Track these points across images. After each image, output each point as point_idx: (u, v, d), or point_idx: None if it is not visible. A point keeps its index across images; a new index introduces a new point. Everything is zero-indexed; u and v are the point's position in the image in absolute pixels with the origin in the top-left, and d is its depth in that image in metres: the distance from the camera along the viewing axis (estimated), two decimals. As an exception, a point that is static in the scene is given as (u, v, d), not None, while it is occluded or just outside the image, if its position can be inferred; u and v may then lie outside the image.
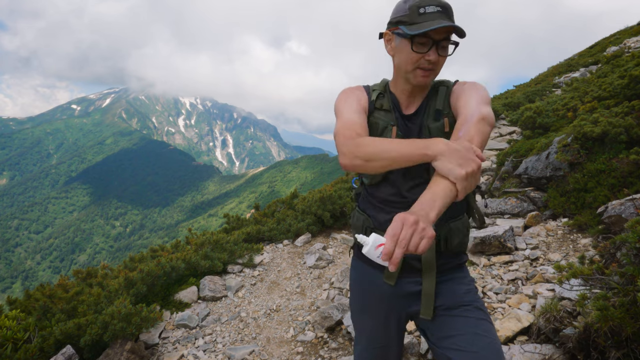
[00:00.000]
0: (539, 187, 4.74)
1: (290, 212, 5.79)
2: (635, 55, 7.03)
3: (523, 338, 2.40)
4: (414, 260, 1.31)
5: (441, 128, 1.25)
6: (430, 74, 1.21)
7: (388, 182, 1.32)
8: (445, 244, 1.30)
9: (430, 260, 1.28)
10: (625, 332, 1.73)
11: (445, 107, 1.26)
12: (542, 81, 13.76)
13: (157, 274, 3.83)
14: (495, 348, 1.19)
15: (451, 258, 1.33)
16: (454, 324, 1.25)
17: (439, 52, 1.18)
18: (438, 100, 1.28)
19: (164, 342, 3.29)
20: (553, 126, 6.24)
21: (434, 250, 1.28)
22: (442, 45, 1.17)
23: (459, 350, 1.19)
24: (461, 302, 1.27)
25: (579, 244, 3.55)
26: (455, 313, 1.27)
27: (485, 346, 1.18)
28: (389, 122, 1.30)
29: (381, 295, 1.40)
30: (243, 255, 4.63)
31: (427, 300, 1.29)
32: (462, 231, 1.31)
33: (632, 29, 14.37)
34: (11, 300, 3.79)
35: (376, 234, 0.96)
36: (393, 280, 1.33)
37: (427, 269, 1.29)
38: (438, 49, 1.17)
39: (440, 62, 1.20)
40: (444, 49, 1.18)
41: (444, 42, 1.17)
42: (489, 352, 1.17)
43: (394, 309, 1.39)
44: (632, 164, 3.70)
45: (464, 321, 1.24)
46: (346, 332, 3.08)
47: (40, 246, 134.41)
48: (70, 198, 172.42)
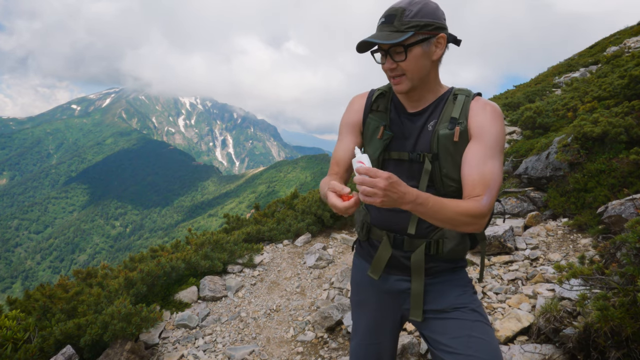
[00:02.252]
0: (539, 187, 4.74)
1: (290, 212, 5.79)
2: (635, 55, 7.03)
3: (523, 338, 2.40)
4: (404, 258, 1.31)
5: (450, 137, 1.22)
6: (400, 80, 1.23)
7: None
8: (437, 248, 1.27)
9: (418, 261, 1.28)
10: (625, 332, 1.73)
11: (462, 117, 1.24)
12: (542, 81, 13.75)
13: (157, 274, 3.83)
14: (492, 350, 1.17)
15: (443, 262, 1.31)
16: (448, 327, 1.24)
17: (395, 59, 1.19)
18: (456, 107, 1.25)
19: (164, 342, 3.29)
20: (553, 126, 6.24)
21: (422, 252, 1.27)
22: (393, 52, 1.19)
23: (454, 353, 1.18)
24: (455, 304, 1.26)
25: (579, 244, 3.55)
26: (449, 316, 1.25)
27: (481, 349, 1.16)
28: (380, 123, 1.33)
29: (376, 291, 1.41)
30: (243, 255, 4.63)
31: (415, 301, 1.29)
32: (456, 238, 1.28)
33: (632, 29, 14.36)
34: (11, 300, 3.79)
35: (368, 158, 1.09)
36: (377, 275, 1.35)
37: (415, 269, 1.29)
38: (393, 57, 1.19)
39: (404, 67, 1.20)
40: (399, 54, 1.18)
41: (393, 49, 1.18)
42: (485, 355, 1.16)
43: (389, 306, 1.40)
44: (632, 164, 3.70)
45: (458, 324, 1.23)
46: (346, 332, 3.08)
47: (40, 246, 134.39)
48: (70, 198, 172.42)
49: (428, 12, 1.17)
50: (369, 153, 1.34)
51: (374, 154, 1.32)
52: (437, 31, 1.18)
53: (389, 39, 1.15)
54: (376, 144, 1.32)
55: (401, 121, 1.32)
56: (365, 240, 1.44)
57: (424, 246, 1.27)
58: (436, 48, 1.20)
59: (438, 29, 1.18)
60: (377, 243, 1.38)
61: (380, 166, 1.33)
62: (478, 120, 1.21)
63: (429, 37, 1.18)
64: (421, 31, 1.16)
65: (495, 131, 1.20)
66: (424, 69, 1.22)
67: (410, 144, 1.29)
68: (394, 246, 1.32)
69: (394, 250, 1.32)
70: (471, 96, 1.27)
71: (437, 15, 1.18)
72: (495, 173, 1.17)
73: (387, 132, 1.30)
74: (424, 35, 1.17)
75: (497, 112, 1.23)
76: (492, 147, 1.18)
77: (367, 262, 1.43)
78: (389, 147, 1.32)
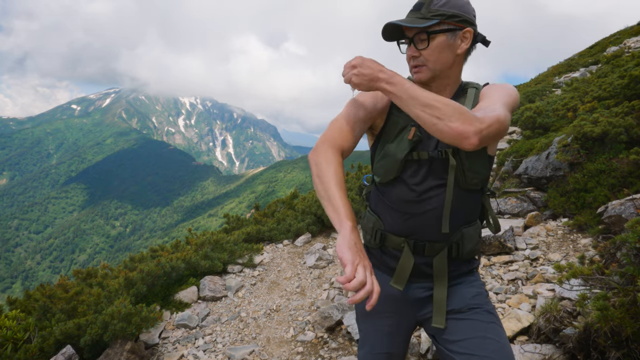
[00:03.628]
0: (539, 187, 4.74)
1: (290, 212, 5.79)
2: (635, 55, 7.03)
3: (523, 338, 2.40)
4: (424, 265, 1.27)
5: None
6: (420, 69, 1.22)
7: (402, 182, 1.25)
8: (457, 250, 1.25)
9: (441, 266, 1.24)
10: (625, 332, 1.73)
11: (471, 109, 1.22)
12: (542, 81, 13.75)
13: (157, 274, 3.83)
14: (506, 352, 1.15)
15: (462, 264, 1.30)
16: (463, 328, 1.21)
17: (417, 46, 1.19)
18: (467, 101, 1.24)
19: (164, 342, 3.29)
20: (553, 126, 6.24)
21: (445, 256, 1.24)
22: (417, 39, 1.19)
23: (468, 354, 1.16)
24: (470, 305, 1.24)
25: (579, 244, 3.55)
26: (464, 316, 1.23)
27: (496, 350, 1.14)
28: (409, 122, 1.25)
29: (388, 301, 1.34)
30: (243, 255, 4.63)
31: (439, 308, 1.25)
32: (474, 237, 1.27)
33: (632, 29, 14.36)
34: (11, 300, 3.79)
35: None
36: (402, 285, 1.28)
37: (438, 274, 1.25)
38: (416, 45, 1.20)
39: (425, 56, 1.19)
40: (422, 42, 1.18)
41: (417, 37, 1.19)
42: (499, 356, 1.13)
43: (402, 315, 1.35)
44: (632, 164, 3.70)
45: (473, 324, 1.20)
46: (346, 332, 3.08)
47: (40, 246, 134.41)
48: (70, 198, 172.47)
49: (457, 4, 1.16)
50: (393, 152, 1.26)
51: (401, 154, 1.24)
52: (464, 24, 1.17)
53: (414, 23, 1.15)
54: (405, 144, 1.24)
55: None
56: (378, 248, 1.36)
57: (445, 250, 1.24)
58: (461, 42, 1.19)
59: (465, 22, 1.17)
60: (392, 251, 1.31)
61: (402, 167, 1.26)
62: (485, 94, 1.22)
63: (455, 29, 1.17)
64: (447, 20, 1.15)
65: (500, 88, 1.20)
66: (447, 61, 1.20)
67: (432, 143, 1.24)
68: (414, 252, 1.27)
69: (415, 257, 1.27)
70: (480, 88, 1.27)
71: (466, 9, 1.17)
72: (494, 103, 1.12)
73: (417, 133, 1.23)
74: (450, 26, 1.16)
75: (505, 84, 1.24)
76: (495, 95, 1.17)
77: (379, 271, 1.36)
78: (415, 148, 1.26)
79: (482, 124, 1.02)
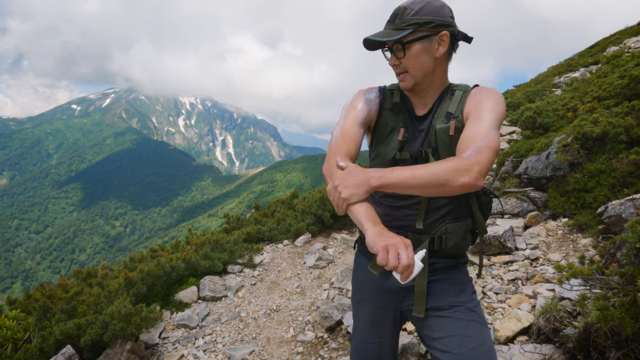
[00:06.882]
0: (539, 187, 4.74)
1: (290, 212, 5.79)
2: (635, 55, 7.04)
3: (523, 338, 2.40)
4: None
5: (446, 131, 1.24)
6: (404, 77, 1.26)
7: None
8: (440, 243, 1.29)
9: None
10: (625, 332, 1.73)
11: (457, 111, 1.25)
12: (542, 81, 13.76)
13: (157, 274, 3.83)
14: (484, 349, 1.17)
15: (445, 258, 1.32)
16: (443, 325, 1.24)
17: (397, 55, 1.24)
18: (452, 103, 1.27)
19: (164, 342, 3.29)
20: (553, 126, 6.23)
21: (426, 247, 1.27)
22: (395, 49, 1.24)
23: (448, 352, 1.19)
24: (453, 302, 1.27)
25: (579, 244, 3.55)
26: (446, 314, 1.26)
27: (473, 348, 1.17)
28: (398, 123, 1.33)
29: (377, 289, 1.42)
30: (243, 255, 4.63)
31: (419, 297, 1.29)
32: (459, 234, 1.29)
33: (632, 29, 14.37)
34: (11, 300, 3.79)
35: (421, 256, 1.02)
36: (377, 270, 1.32)
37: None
38: (395, 54, 1.24)
39: (405, 64, 1.23)
40: (399, 52, 1.23)
41: (395, 47, 1.23)
42: (476, 354, 1.16)
43: (390, 303, 1.40)
44: (632, 164, 3.70)
45: (453, 322, 1.23)
46: (346, 332, 3.08)
47: (40, 246, 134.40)
48: (70, 198, 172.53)
49: (430, 11, 1.19)
50: (384, 152, 1.34)
51: (390, 153, 1.32)
52: (439, 29, 1.19)
53: (388, 36, 1.19)
54: (394, 144, 1.32)
55: (412, 123, 1.34)
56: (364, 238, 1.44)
57: (427, 242, 1.28)
58: (439, 45, 1.21)
59: (440, 27, 1.19)
60: None
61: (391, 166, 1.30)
62: (471, 103, 1.22)
63: (430, 35, 1.20)
64: (421, 28, 1.18)
65: (489, 103, 1.18)
66: (426, 66, 1.23)
67: (417, 143, 1.31)
68: None
69: None
70: (468, 91, 1.28)
71: (440, 13, 1.19)
72: (485, 130, 1.10)
73: (405, 134, 1.31)
74: (424, 33, 1.19)
75: (493, 91, 1.23)
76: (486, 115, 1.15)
77: (366, 258, 1.44)
78: (401, 147, 1.33)
79: (480, 165, 1.04)
